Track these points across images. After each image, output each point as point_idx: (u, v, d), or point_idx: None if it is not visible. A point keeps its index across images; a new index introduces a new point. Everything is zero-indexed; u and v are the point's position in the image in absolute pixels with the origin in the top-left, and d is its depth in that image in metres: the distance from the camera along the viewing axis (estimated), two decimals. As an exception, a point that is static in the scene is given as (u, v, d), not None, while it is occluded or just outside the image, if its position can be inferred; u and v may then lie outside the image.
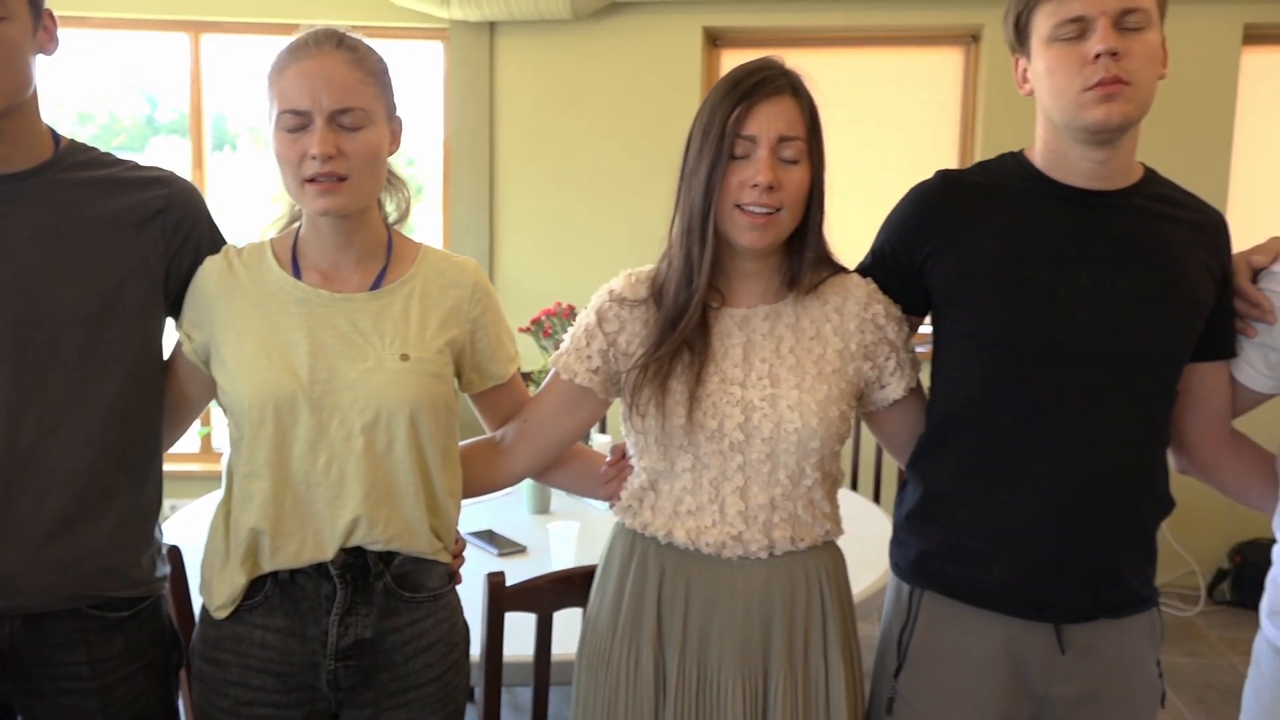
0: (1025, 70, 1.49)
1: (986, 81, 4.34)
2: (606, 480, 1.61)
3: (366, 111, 1.41)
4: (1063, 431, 1.43)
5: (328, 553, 1.45)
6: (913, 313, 1.57)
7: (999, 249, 1.46)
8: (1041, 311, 1.43)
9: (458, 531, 1.59)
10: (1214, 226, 1.51)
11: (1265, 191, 4.33)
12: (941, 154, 4.53)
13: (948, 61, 4.53)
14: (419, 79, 4.77)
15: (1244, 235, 4.59)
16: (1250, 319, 1.52)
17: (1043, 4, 1.41)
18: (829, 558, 1.54)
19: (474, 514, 2.62)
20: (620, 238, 4.56)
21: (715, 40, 4.61)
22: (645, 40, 4.50)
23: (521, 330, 3.23)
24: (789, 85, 1.43)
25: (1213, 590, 4.39)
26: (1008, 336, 1.44)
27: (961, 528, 1.50)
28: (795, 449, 1.44)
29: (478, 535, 2.46)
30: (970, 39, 4.42)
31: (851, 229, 1.61)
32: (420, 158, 4.86)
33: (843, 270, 1.55)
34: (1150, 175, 1.52)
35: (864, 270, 1.58)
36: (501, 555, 2.37)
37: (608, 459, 1.62)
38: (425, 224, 4.84)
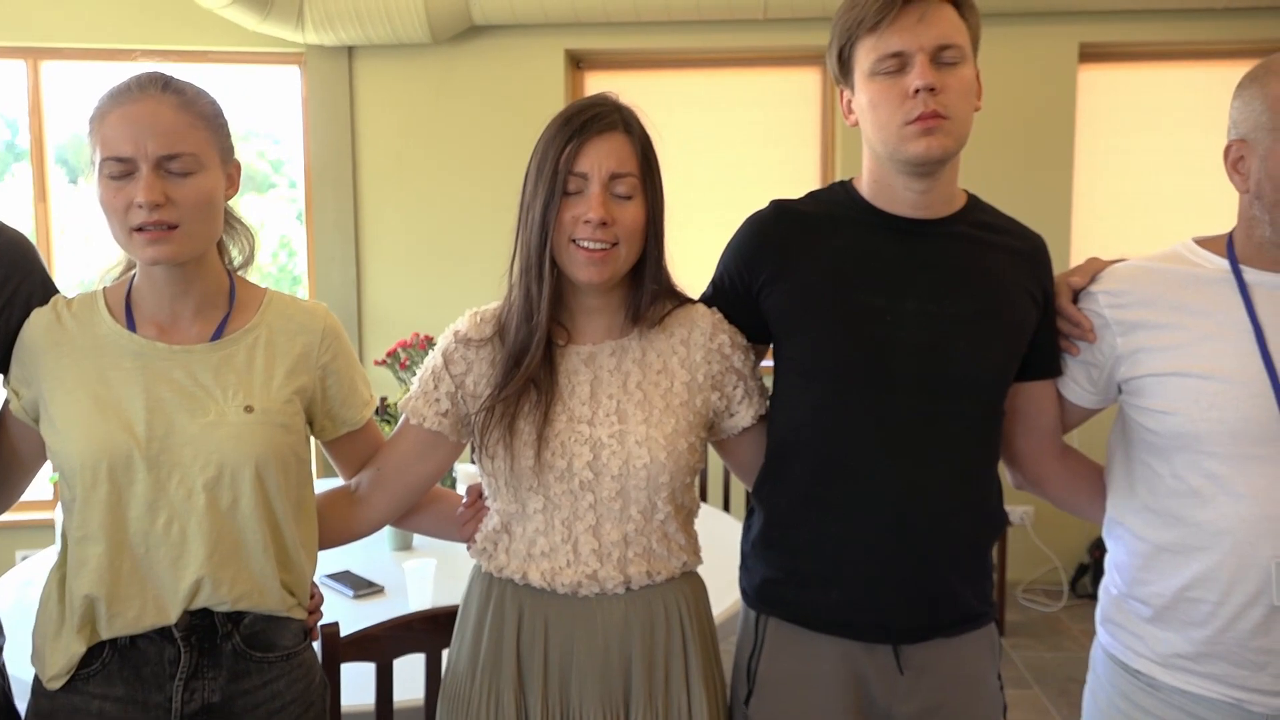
0: (850, 102, 1.53)
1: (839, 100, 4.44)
2: (463, 522, 1.60)
3: (196, 156, 1.37)
4: (893, 456, 1.47)
5: (170, 616, 1.40)
6: (758, 340, 1.59)
7: (828, 277, 1.50)
8: (869, 339, 1.47)
9: (315, 584, 1.55)
10: (1034, 251, 1.57)
11: (1106, 204, 4.54)
12: (803, 172, 4.64)
13: (806, 82, 4.64)
14: (280, 104, 4.66)
15: (1086, 246, 4.76)
16: (1073, 338, 1.59)
17: (863, 39, 1.45)
18: (688, 589, 1.54)
19: (332, 553, 2.55)
20: (489, 262, 4.50)
21: (579, 63, 4.63)
22: (507, 63, 4.49)
23: (378, 363, 3.19)
24: (621, 122, 1.44)
25: (1075, 584, 4.57)
26: (837, 363, 1.48)
27: (801, 553, 1.53)
28: (645, 484, 1.45)
29: (334, 577, 2.40)
30: (825, 59, 4.52)
31: (716, 248, 1.63)
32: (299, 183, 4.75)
33: (689, 301, 1.56)
34: (973, 203, 1.58)
35: (707, 300, 1.60)
36: (358, 597, 2.32)
37: (464, 500, 1.61)
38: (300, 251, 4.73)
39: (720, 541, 2.00)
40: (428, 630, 1.63)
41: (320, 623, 1.59)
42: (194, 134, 1.38)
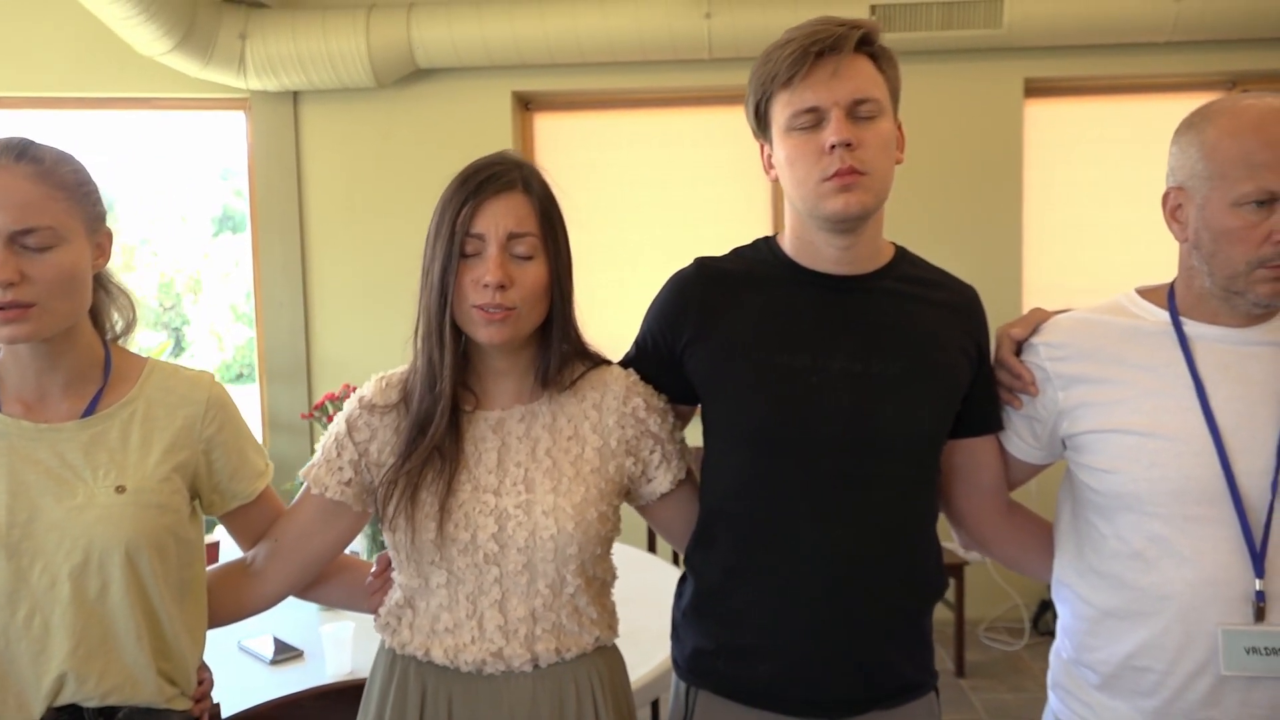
0: (769, 156, 1.49)
1: (792, 138, 4.43)
2: (371, 592, 1.53)
3: (54, 229, 1.30)
4: (822, 522, 1.41)
5: (33, 715, 1.32)
6: (682, 402, 1.54)
7: (750, 338, 1.45)
8: (794, 400, 1.42)
9: (204, 667, 1.48)
10: (966, 304, 1.53)
11: (1055, 237, 4.55)
12: (753, 211, 4.62)
13: (755, 119, 4.62)
14: (227, 150, 4.61)
15: (1037, 279, 4.75)
16: (1015, 390, 1.55)
17: (778, 93, 1.41)
18: (602, 664, 1.48)
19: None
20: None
21: (527, 104, 4.60)
22: (454, 106, 4.46)
23: (304, 416, 3.11)
24: (520, 180, 1.39)
25: (1037, 621, 4.53)
26: (760, 427, 1.43)
27: (731, 624, 1.47)
28: (553, 557, 1.39)
29: (253, 640, 2.32)
30: (775, 97, 4.52)
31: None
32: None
33: (604, 363, 1.51)
34: (901, 256, 1.54)
35: (629, 361, 1.55)
36: (275, 663, 2.23)
37: (373, 570, 1.54)
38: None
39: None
40: (321, 708, 1.54)
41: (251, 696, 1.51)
42: (52, 205, 1.30)
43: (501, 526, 1.38)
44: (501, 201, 1.37)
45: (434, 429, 1.39)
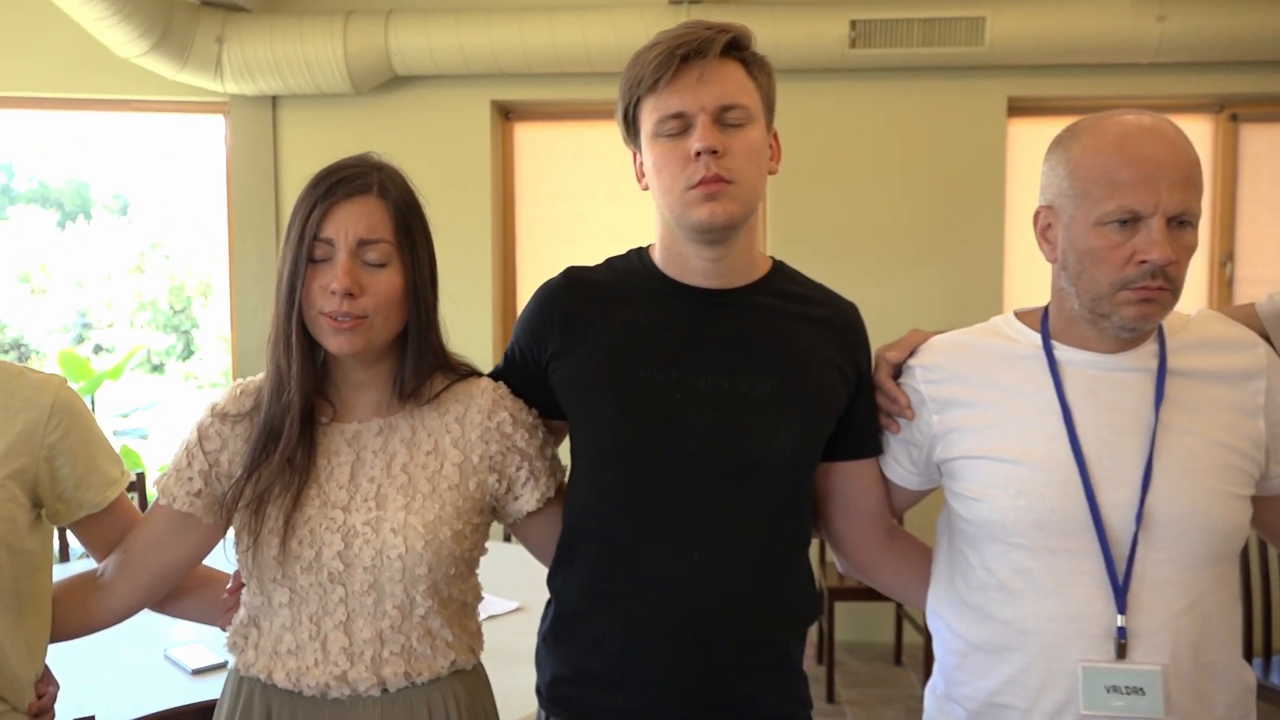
0: (641, 164, 1.45)
1: (773, 152, 4.40)
2: (225, 610, 1.49)
3: None
4: (683, 546, 1.37)
5: None
6: (554, 416, 1.50)
7: (615, 352, 1.41)
8: (657, 418, 1.37)
9: (50, 680, 1.44)
10: (845, 322, 1.49)
11: (1037, 256, 4.46)
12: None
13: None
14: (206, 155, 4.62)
15: (1019, 297, 4.70)
16: (892, 414, 1.50)
17: (646, 99, 1.38)
18: (460, 688, 1.42)
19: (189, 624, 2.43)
20: (414, 313, 4.45)
21: (507, 114, 4.58)
22: (433, 114, 4.45)
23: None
24: (376, 184, 1.36)
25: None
26: (621, 444, 1.39)
27: (587, 651, 1.42)
28: (401, 577, 1.34)
29: (180, 649, 2.28)
30: (758, 111, 4.49)
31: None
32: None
33: (473, 375, 1.48)
34: (777, 270, 1.50)
35: (497, 374, 1.52)
36: (198, 673, 2.17)
37: (229, 586, 1.51)
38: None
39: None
40: (199, 724, 1.51)
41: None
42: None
43: (348, 544, 1.34)
44: (354, 205, 1.34)
45: (284, 441, 1.35)
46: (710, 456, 1.37)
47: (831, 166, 4.40)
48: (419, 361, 1.40)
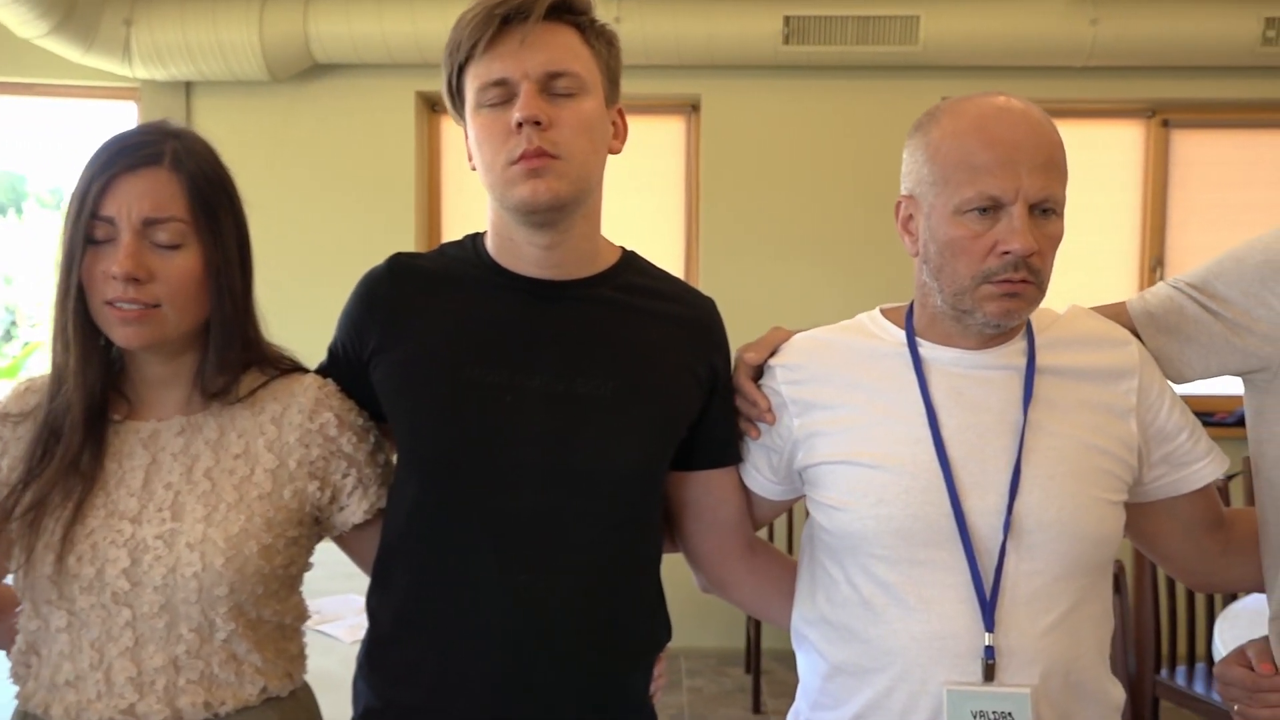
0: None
1: (706, 148, 4.32)
2: (13, 633, 1.32)
3: None
4: (508, 567, 1.24)
5: None
6: (385, 419, 1.38)
7: (439, 349, 1.29)
8: (480, 423, 1.25)
9: None
10: (701, 320, 1.38)
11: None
12: (671, 221, 4.48)
13: (671, 129, 4.50)
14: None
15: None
16: (752, 418, 1.40)
17: (470, 65, 1.25)
18: (275, 717, 1.28)
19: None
20: (333, 309, 4.31)
21: (434, 106, 4.46)
22: (356, 105, 4.31)
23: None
24: (167, 155, 1.21)
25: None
26: (439, 452, 1.27)
27: (400, 681, 1.29)
28: (197, 598, 1.20)
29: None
30: (690, 108, 4.41)
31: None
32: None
33: (297, 371, 1.35)
34: (627, 262, 1.38)
35: (324, 371, 1.39)
36: None
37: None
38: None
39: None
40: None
41: None
42: None
43: (135, 561, 1.19)
44: (139, 179, 1.19)
45: (64, 443, 1.21)
46: (541, 466, 1.25)
47: (766, 165, 4.32)
48: (224, 355, 1.26)
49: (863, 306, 1.42)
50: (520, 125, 1.20)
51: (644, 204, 4.50)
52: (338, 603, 2.35)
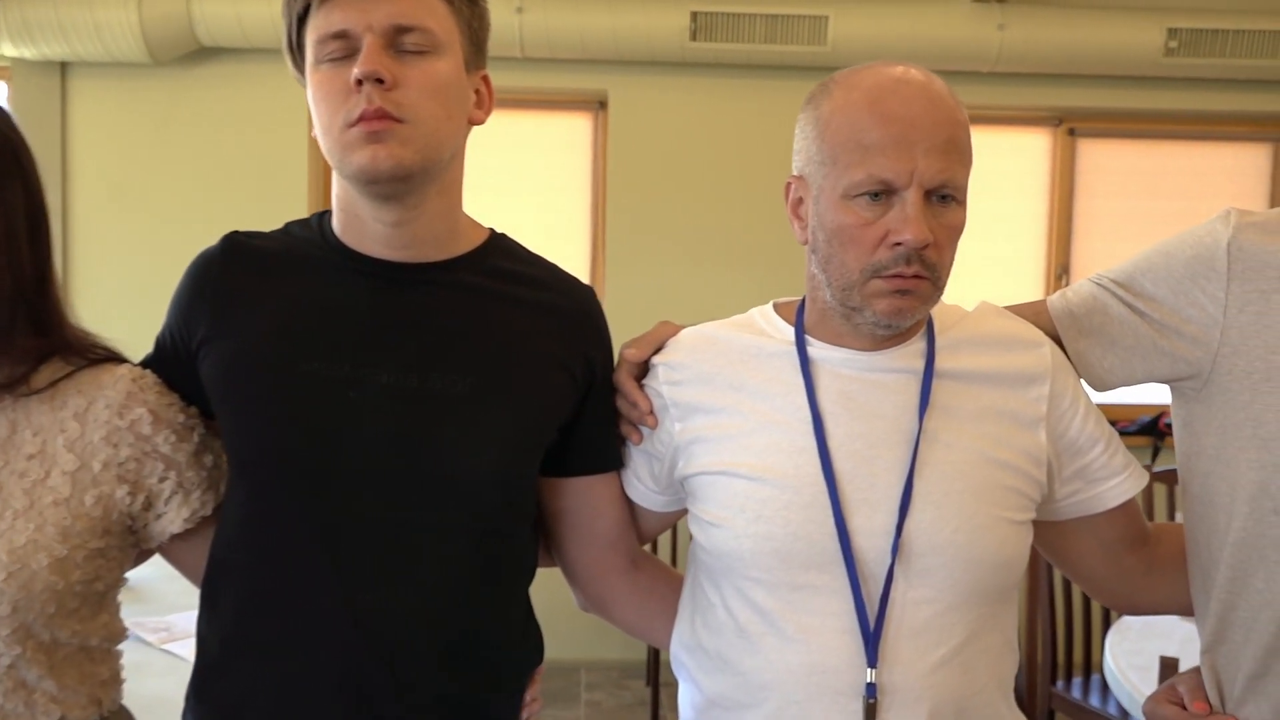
0: None
1: (614, 145, 4.20)
2: None
3: None
4: (350, 584, 1.11)
5: None
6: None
7: (272, 339, 1.15)
8: (319, 423, 1.12)
9: None
10: (577, 311, 1.25)
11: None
12: (576, 220, 4.35)
13: (578, 126, 4.37)
14: None
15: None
16: (633, 421, 1.27)
17: (310, 17, 1.11)
18: None
19: None
20: (218, 307, 4.09)
21: (327, 95, 4.25)
22: (242, 91, 4.09)
23: None
24: None
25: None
26: (270, 455, 1.13)
27: (228, 711, 1.15)
28: None
29: None
30: (598, 105, 4.28)
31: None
32: None
33: (111, 361, 1.19)
34: (494, 244, 1.25)
35: (149, 363, 1.24)
36: None
37: None
38: None
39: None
40: None
41: None
42: None
43: None
44: None
45: None
46: (388, 471, 1.11)
47: (675, 164, 4.21)
48: (10, 339, 1.10)
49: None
50: (360, 83, 1.06)
51: (550, 202, 4.36)
52: (190, 619, 2.18)
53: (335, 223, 1.20)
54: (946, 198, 1.10)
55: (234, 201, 4.08)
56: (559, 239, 4.34)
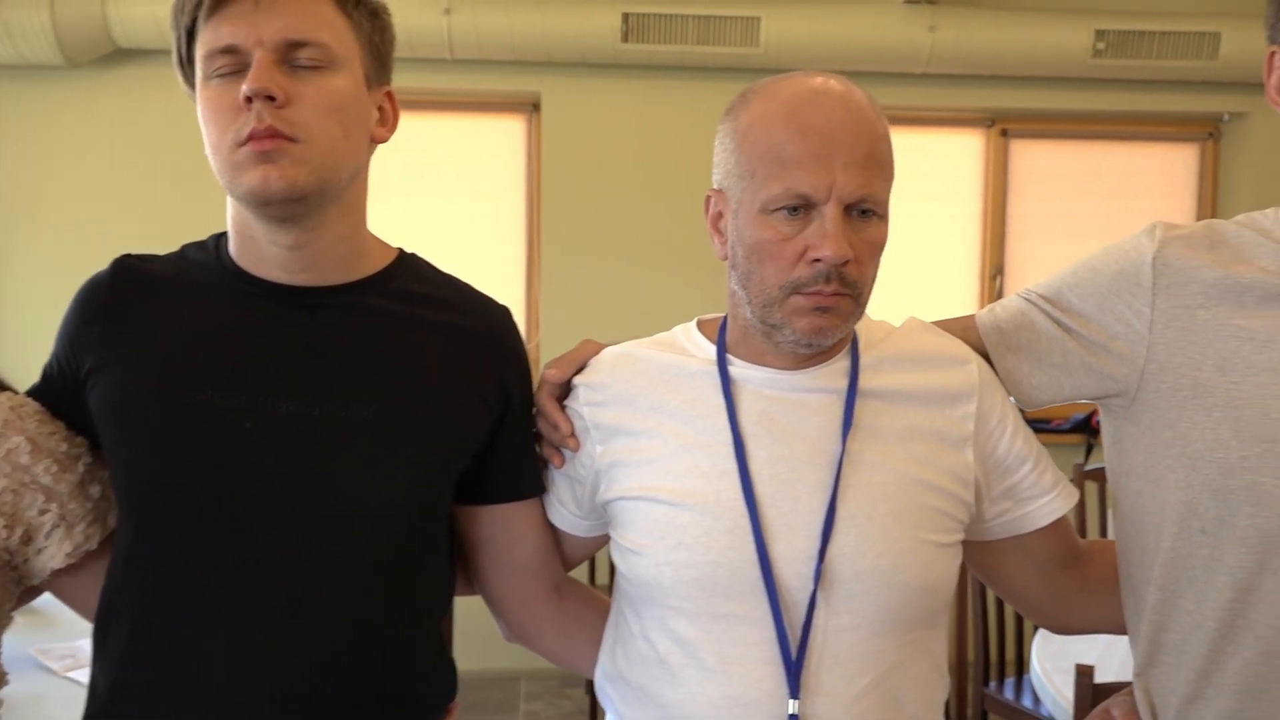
0: None
1: (548, 147, 4.15)
2: None
3: None
4: (248, 624, 1.05)
5: None
6: None
7: (163, 368, 1.09)
8: (217, 455, 1.06)
9: None
10: (490, 332, 1.20)
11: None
12: (511, 224, 4.29)
13: (511, 129, 4.31)
14: None
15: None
16: (554, 443, 1.23)
17: (199, 31, 1.06)
18: None
19: None
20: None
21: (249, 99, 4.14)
22: (166, 92, 3.89)
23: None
24: None
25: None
26: (163, 490, 1.07)
27: None
28: None
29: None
30: (531, 107, 4.22)
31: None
32: None
33: None
34: (402, 265, 1.20)
35: (35, 392, 1.17)
36: None
37: None
38: None
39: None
40: None
41: None
42: None
43: None
44: None
45: None
46: (287, 503, 1.06)
47: (609, 166, 4.16)
48: None
49: (711, 313, 1.26)
50: (250, 100, 1.01)
51: (485, 205, 4.29)
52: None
53: (231, 246, 1.14)
54: (867, 212, 1.07)
55: (157, 209, 3.95)
56: (495, 241, 4.28)
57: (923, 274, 4.25)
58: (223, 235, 1.17)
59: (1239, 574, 1.06)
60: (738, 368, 1.15)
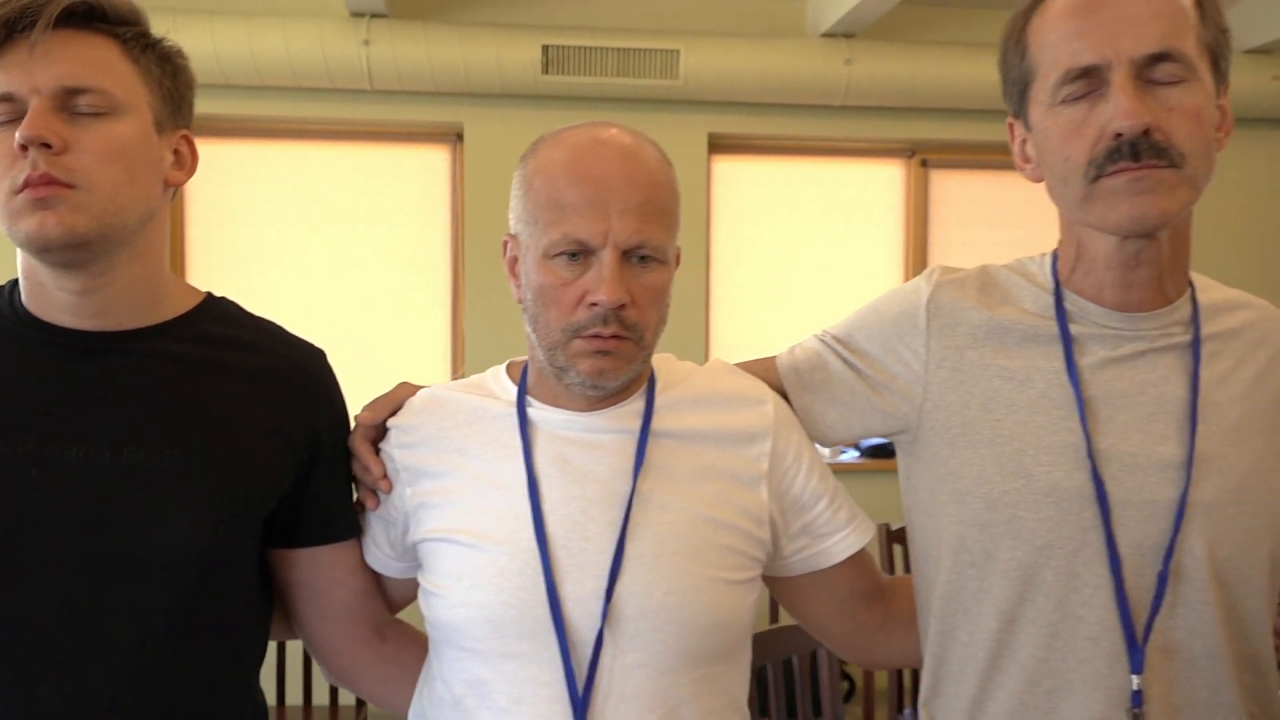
0: None
1: (470, 177, 4.16)
2: None
3: None
4: (28, 676, 1.03)
5: None
6: None
7: None
8: (2, 502, 1.04)
9: None
10: (298, 375, 1.20)
11: (742, 296, 4.38)
12: (437, 249, 4.28)
13: (435, 159, 4.32)
14: None
15: (724, 339, 4.57)
16: (367, 485, 1.23)
17: None
18: None
19: None
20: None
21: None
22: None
23: None
24: None
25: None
26: None
27: None
28: None
29: None
30: (455, 137, 4.24)
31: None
32: None
33: None
34: (207, 310, 1.20)
35: None
36: None
37: None
38: None
39: None
40: None
41: None
42: None
43: None
44: None
45: None
46: (74, 551, 1.04)
47: (531, 198, 4.18)
48: None
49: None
50: (25, 147, 1.01)
51: (408, 236, 4.29)
52: None
53: (23, 292, 1.13)
54: (646, 258, 1.09)
55: None
56: (420, 270, 4.28)
57: (846, 302, 4.26)
58: (16, 282, 1.17)
59: (1002, 605, 1.09)
60: (536, 409, 1.16)
